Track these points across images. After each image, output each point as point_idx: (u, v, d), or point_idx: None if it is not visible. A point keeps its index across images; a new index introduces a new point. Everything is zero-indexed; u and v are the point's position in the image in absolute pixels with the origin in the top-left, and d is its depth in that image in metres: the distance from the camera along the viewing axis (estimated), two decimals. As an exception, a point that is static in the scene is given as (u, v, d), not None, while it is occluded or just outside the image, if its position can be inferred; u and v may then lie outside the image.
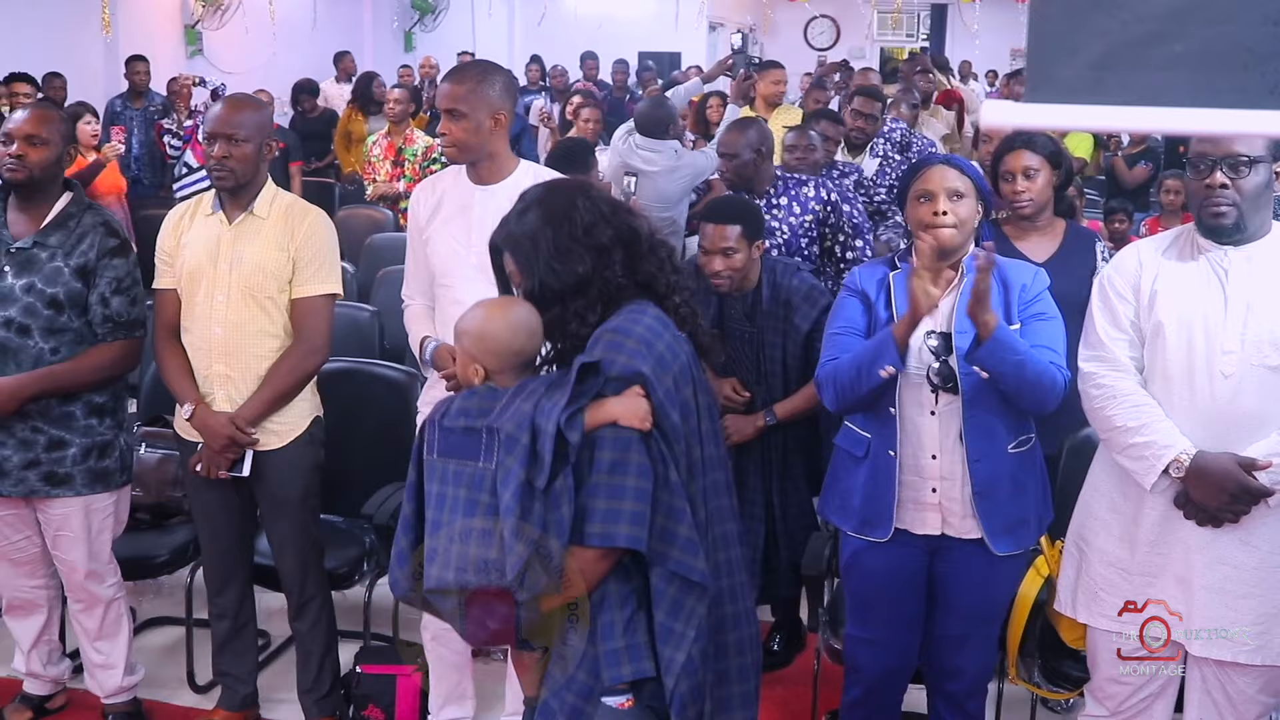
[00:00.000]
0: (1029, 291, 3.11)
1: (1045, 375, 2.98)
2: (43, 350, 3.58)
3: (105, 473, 3.73)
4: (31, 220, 3.65)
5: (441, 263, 3.59)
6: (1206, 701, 3.02)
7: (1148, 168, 9.39)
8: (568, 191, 2.47)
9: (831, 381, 3.15)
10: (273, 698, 4.12)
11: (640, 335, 2.33)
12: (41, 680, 4.04)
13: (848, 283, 3.32)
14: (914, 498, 3.17)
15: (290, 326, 3.64)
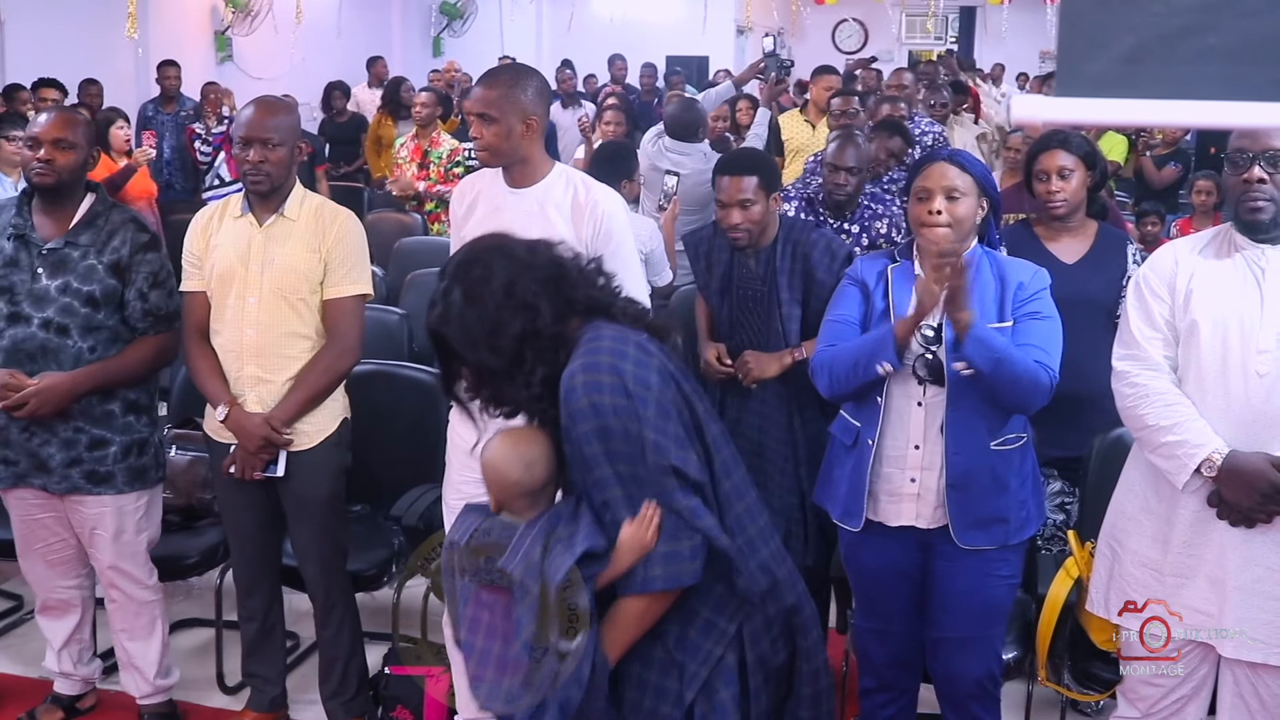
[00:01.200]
0: (1026, 290, 3.10)
1: (1026, 375, 2.96)
2: (81, 349, 3.61)
3: (143, 470, 3.77)
4: (59, 222, 3.67)
5: None
6: (1239, 704, 3.00)
7: (1177, 169, 9.34)
8: (482, 257, 2.39)
9: (827, 369, 3.17)
10: (301, 699, 4.13)
11: (607, 365, 2.30)
12: (71, 680, 4.06)
13: (849, 272, 3.34)
14: (890, 489, 3.18)
15: (321, 328, 3.66)
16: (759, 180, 3.85)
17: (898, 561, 3.23)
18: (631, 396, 2.27)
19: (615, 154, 5.64)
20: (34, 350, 3.61)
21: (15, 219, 3.68)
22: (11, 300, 3.63)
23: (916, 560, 3.22)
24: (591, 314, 2.41)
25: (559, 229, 3.53)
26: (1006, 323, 3.06)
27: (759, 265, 3.95)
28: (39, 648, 4.21)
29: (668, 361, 2.43)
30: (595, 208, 3.55)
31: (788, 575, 2.51)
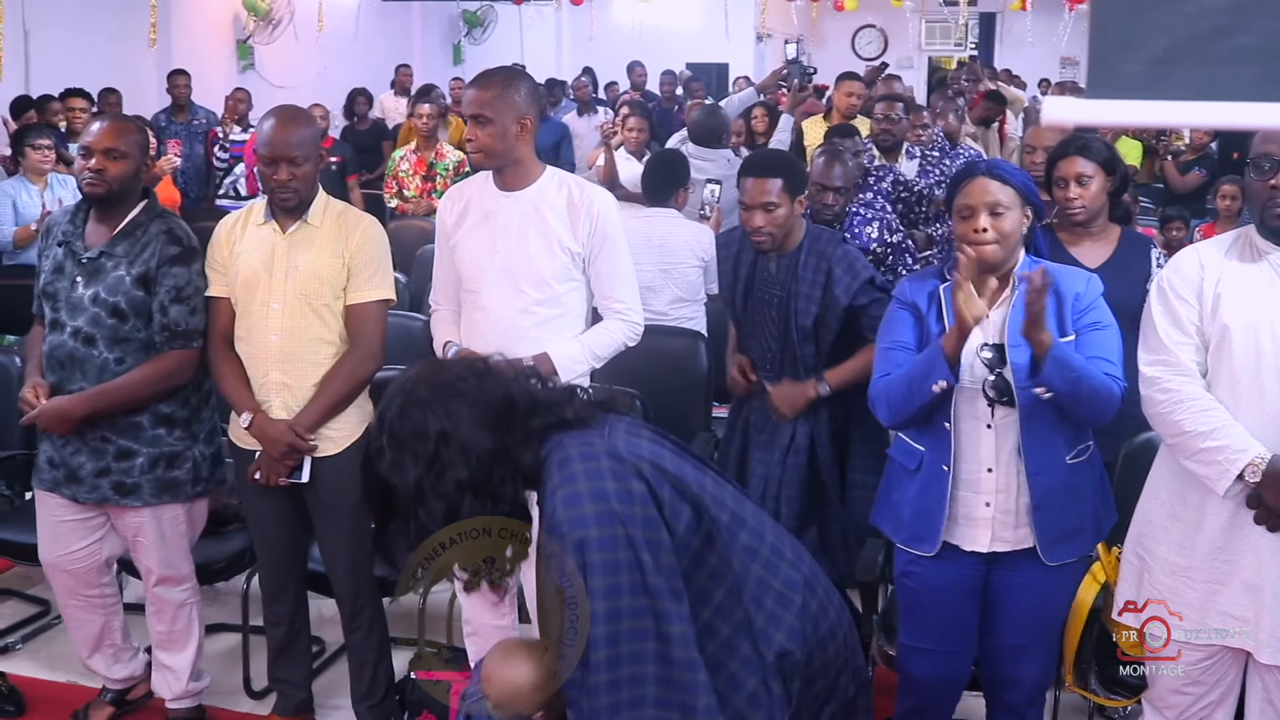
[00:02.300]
0: (1083, 300, 3.07)
1: (1103, 389, 2.94)
2: (107, 360, 3.63)
3: (174, 483, 3.76)
4: (107, 231, 3.70)
5: (467, 269, 3.64)
6: (1268, 710, 2.98)
7: (1201, 174, 9.29)
8: (415, 415, 2.26)
9: (885, 398, 3.14)
10: (327, 704, 4.15)
11: (588, 492, 2.20)
12: (112, 681, 4.09)
13: (897, 295, 3.29)
14: (966, 513, 3.15)
15: (345, 333, 3.67)
16: (784, 183, 3.80)
17: (962, 582, 3.20)
18: (621, 521, 2.18)
19: (670, 163, 5.63)
20: (64, 359, 3.64)
21: (67, 226, 3.73)
22: (54, 307, 3.67)
23: (980, 578, 3.20)
24: (551, 431, 2.31)
25: (555, 230, 3.55)
26: (1069, 336, 3.02)
27: (779, 271, 3.91)
28: (64, 652, 4.24)
29: (637, 438, 2.35)
30: (590, 207, 3.58)
31: (828, 627, 2.44)
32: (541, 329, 3.60)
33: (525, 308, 3.59)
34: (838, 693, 2.43)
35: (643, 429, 2.44)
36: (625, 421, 2.42)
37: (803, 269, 3.85)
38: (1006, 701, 3.32)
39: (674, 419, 4.60)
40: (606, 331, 3.71)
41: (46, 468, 3.78)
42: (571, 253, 3.59)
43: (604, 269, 3.66)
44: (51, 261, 3.72)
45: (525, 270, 3.57)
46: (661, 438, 2.47)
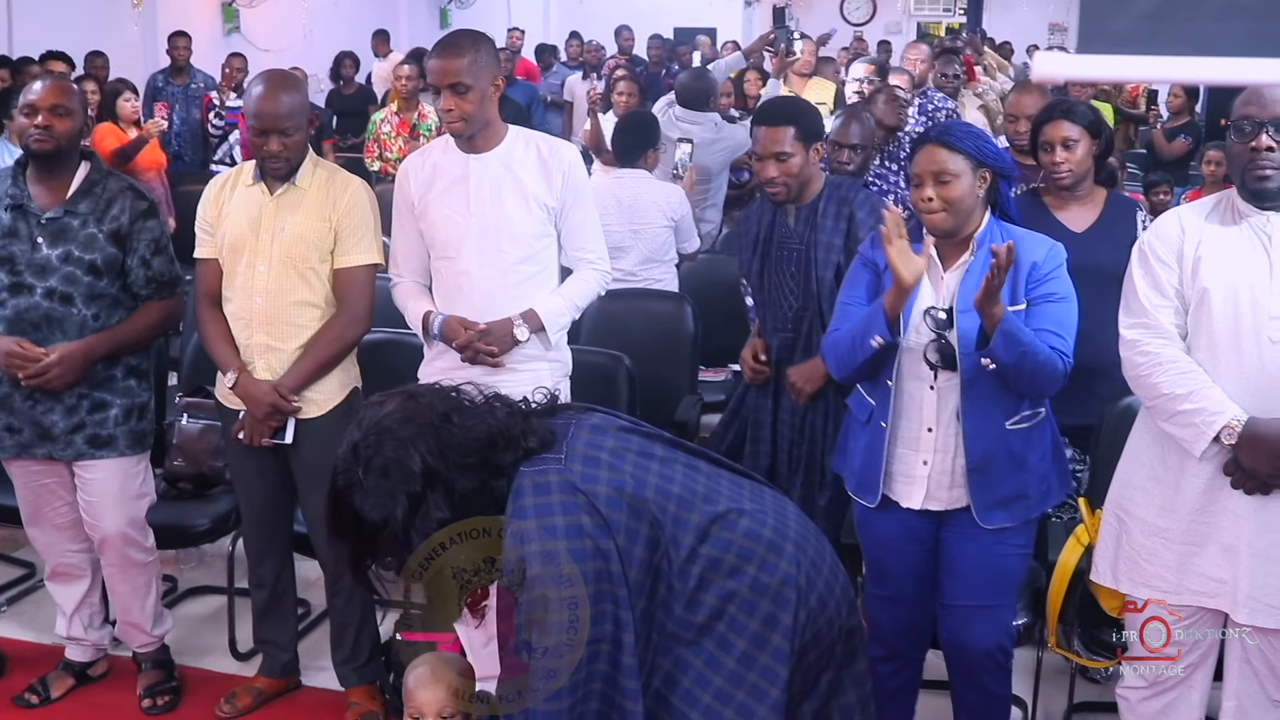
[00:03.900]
0: (1040, 269, 3.05)
1: (1046, 365, 2.95)
2: (85, 317, 3.63)
3: (142, 434, 3.82)
4: (55, 191, 3.68)
5: (441, 235, 3.62)
6: (1246, 670, 3.01)
7: (1187, 141, 9.31)
8: (400, 452, 2.21)
9: (832, 351, 3.19)
10: (313, 665, 4.16)
11: (536, 529, 2.18)
12: (82, 645, 4.09)
13: (861, 251, 3.31)
14: (904, 470, 3.18)
15: (331, 297, 3.66)
16: (796, 130, 3.70)
17: (910, 534, 3.23)
18: (566, 558, 2.17)
19: (639, 123, 5.62)
20: (38, 320, 3.63)
21: (11, 189, 3.68)
22: (12, 270, 3.64)
23: (930, 531, 3.23)
24: (518, 464, 2.28)
25: (529, 187, 3.55)
26: (1020, 305, 3.01)
27: (798, 223, 3.79)
28: (50, 615, 4.23)
29: (598, 450, 2.32)
30: (561, 161, 3.59)
31: (836, 600, 2.43)
32: (523, 287, 3.60)
33: (507, 267, 3.58)
34: (834, 659, 2.44)
35: (608, 429, 2.40)
36: (589, 424, 2.40)
37: (823, 217, 3.75)
38: (963, 668, 3.30)
39: (660, 382, 4.61)
40: (584, 282, 3.71)
41: (7, 435, 3.75)
42: (547, 208, 3.59)
43: (576, 222, 3.66)
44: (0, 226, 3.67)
45: (505, 230, 3.56)
46: (632, 430, 2.45)
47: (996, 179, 3.12)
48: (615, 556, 2.21)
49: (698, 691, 2.29)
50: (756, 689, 2.30)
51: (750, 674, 2.30)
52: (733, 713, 2.29)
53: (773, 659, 2.31)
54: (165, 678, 4.02)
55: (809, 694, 2.40)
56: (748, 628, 2.30)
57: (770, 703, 2.30)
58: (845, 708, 2.47)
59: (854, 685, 2.48)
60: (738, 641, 2.30)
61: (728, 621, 2.30)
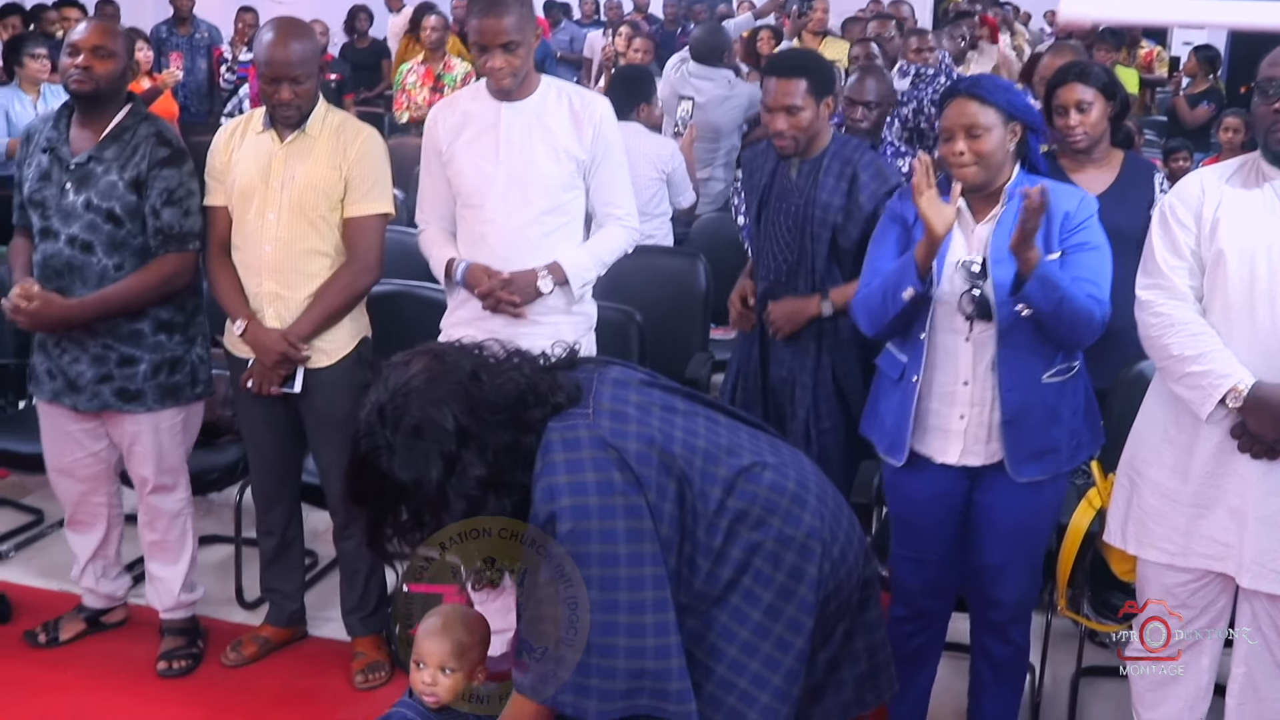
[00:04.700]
0: (1073, 219, 3.04)
1: (1084, 312, 2.93)
2: (106, 266, 3.60)
3: (176, 388, 3.76)
4: (93, 135, 3.65)
5: (468, 183, 3.58)
6: (1257, 635, 2.99)
7: (1210, 108, 9.23)
8: (431, 413, 2.16)
9: (864, 307, 3.16)
10: (319, 615, 4.17)
11: (567, 485, 2.16)
12: (95, 595, 4.09)
13: (889, 207, 3.28)
14: (939, 425, 3.15)
15: (341, 246, 3.64)
16: (808, 84, 3.63)
17: (942, 493, 3.21)
18: (598, 514, 2.15)
19: (633, 77, 5.60)
20: (61, 267, 3.61)
21: (50, 132, 3.68)
22: (43, 215, 3.63)
23: (961, 489, 3.20)
24: (547, 419, 2.25)
25: (560, 138, 3.52)
26: (1054, 254, 2.99)
27: (800, 178, 3.73)
28: (59, 561, 4.25)
29: (624, 404, 2.29)
30: (593, 114, 3.56)
31: (855, 552, 2.42)
32: (549, 239, 3.56)
33: (533, 218, 3.54)
34: (850, 609, 2.43)
35: (629, 383, 2.38)
36: (611, 378, 2.38)
37: (825, 174, 3.68)
38: (991, 620, 3.33)
39: (672, 340, 4.60)
40: (611, 238, 3.67)
41: (46, 379, 3.76)
42: (576, 160, 3.55)
43: (605, 176, 3.62)
44: (36, 169, 3.67)
45: (533, 180, 3.53)
46: (652, 384, 2.43)
47: (1026, 132, 3.09)
48: (647, 513, 2.19)
49: (723, 645, 2.29)
50: (782, 641, 2.29)
51: (776, 626, 2.29)
52: (759, 665, 2.28)
53: (799, 611, 2.30)
54: (187, 644, 3.99)
55: (825, 643, 2.40)
56: (774, 580, 2.29)
57: (795, 653, 2.30)
58: (854, 655, 2.47)
59: (864, 633, 2.48)
60: (763, 594, 2.29)
61: (753, 575, 2.29)
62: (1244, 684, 3.05)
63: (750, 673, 2.28)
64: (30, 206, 3.68)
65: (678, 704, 2.20)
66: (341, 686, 3.87)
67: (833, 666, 2.44)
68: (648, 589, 2.17)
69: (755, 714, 2.29)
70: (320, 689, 3.86)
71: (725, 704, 2.29)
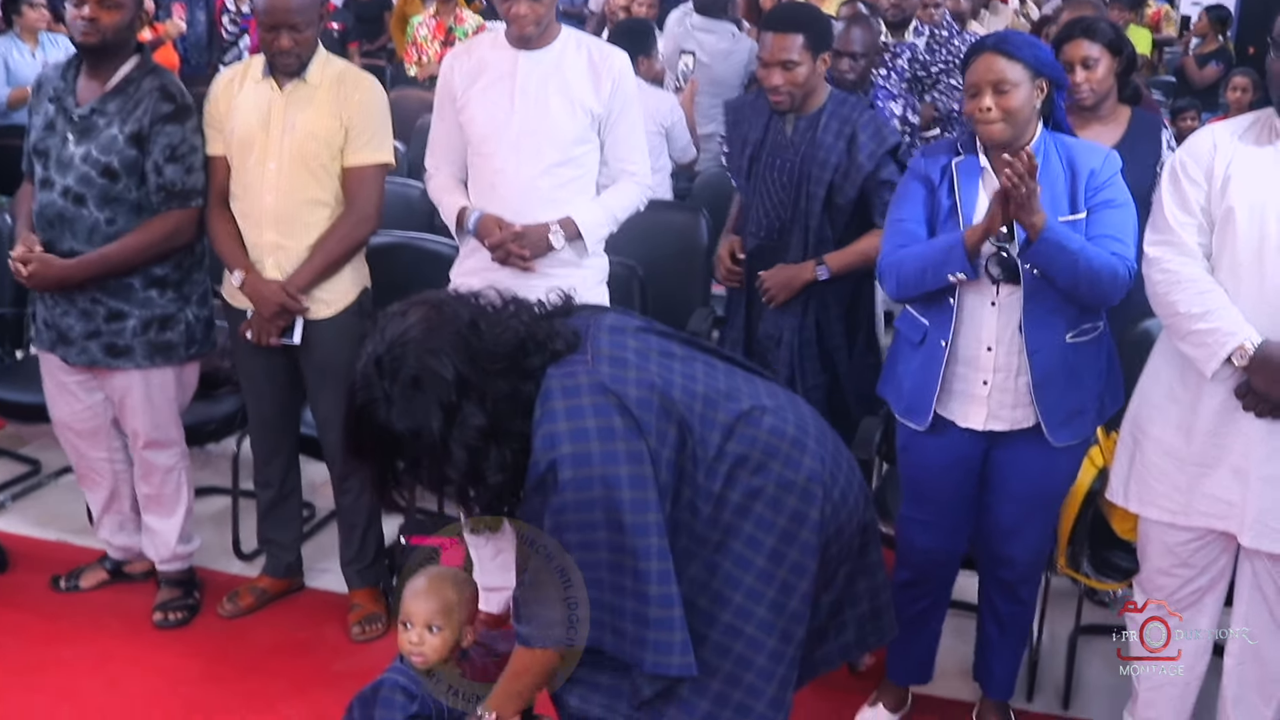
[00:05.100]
0: (1098, 176, 3.00)
1: (1104, 270, 2.89)
2: (98, 220, 3.56)
3: (167, 346, 3.71)
4: (99, 86, 3.60)
5: (480, 130, 3.54)
6: (1256, 596, 2.99)
7: (1218, 68, 9.16)
8: (430, 363, 2.14)
9: (895, 273, 3.09)
10: (316, 567, 4.18)
11: (567, 432, 2.14)
12: (113, 548, 4.09)
13: (912, 166, 3.22)
14: (963, 390, 3.11)
15: (341, 195, 3.61)
16: (805, 39, 3.58)
17: (961, 457, 3.18)
18: (600, 460, 2.13)
19: (633, 30, 5.54)
20: (53, 217, 3.58)
21: (58, 81, 3.64)
22: (44, 165, 3.60)
23: (980, 453, 3.17)
24: (546, 367, 2.23)
25: (576, 91, 3.47)
26: (1080, 214, 2.95)
27: (796, 134, 3.68)
28: (56, 511, 4.25)
29: (623, 349, 2.27)
30: (612, 68, 3.51)
31: (855, 496, 2.42)
32: (561, 191, 3.52)
33: (545, 169, 3.50)
34: (851, 553, 2.43)
35: (626, 329, 2.36)
36: (607, 324, 2.35)
37: (823, 132, 3.63)
38: (1000, 578, 3.32)
39: (673, 295, 4.57)
40: (624, 194, 3.62)
41: (43, 328, 3.75)
42: (592, 114, 3.51)
43: (621, 132, 3.57)
44: (43, 118, 3.64)
45: (546, 132, 3.48)
46: (649, 330, 2.41)
47: (1052, 89, 3.04)
48: (648, 458, 2.17)
49: (728, 592, 2.28)
50: (786, 585, 2.29)
51: (780, 571, 2.28)
52: (764, 610, 2.28)
53: (802, 554, 2.30)
54: (183, 595, 3.99)
55: (827, 587, 2.39)
56: (775, 525, 2.28)
57: (800, 596, 2.30)
58: (855, 597, 2.47)
59: (866, 576, 2.48)
60: (766, 539, 2.28)
61: (755, 520, 2.28)
62: (1243, 643, 3.05)
63: (756, 618, 2.28)
64: (34, 155, 3.65)
65: (681, 655, 2.20)
66: (338, 638, 3.87)
67: (835, 609, 2.45)
68: (652, 535, 2.16)
69: (762, 659, 2.29)
70: (317, 640, 3.86)
71: (732, 650, 2.29)
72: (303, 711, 3.49)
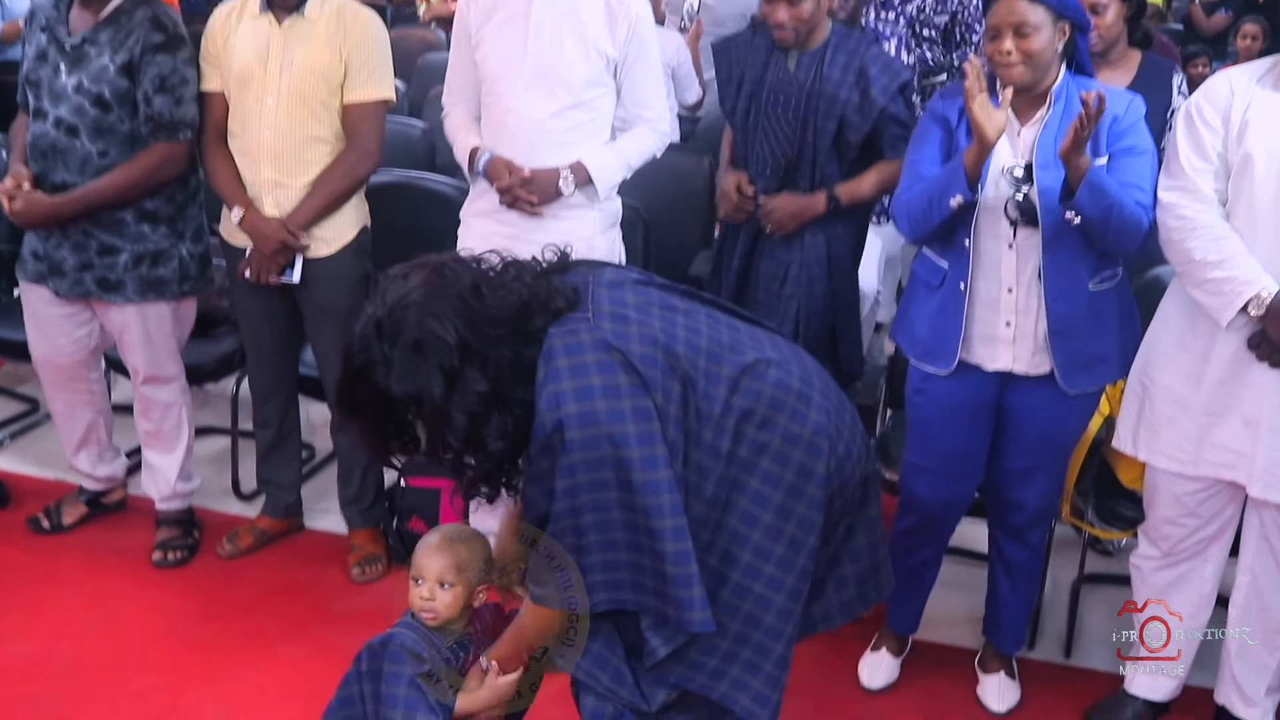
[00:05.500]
0: (1122, 122, 2.94)
1: (1132, 218, 2.84)
2: (90, 152, 3.52)
3: (159, 281, 3.68)
4: (91, 16, 3.55)
5: (493, 69, 3.47)
6: (1263, 546, 2.98)
7: (1226, 15, 9.07)
8: (431, 327, 2.08)
9: (906, 212, 3.05)
10: (316, 508, 4.16)
11: (572, 391, 2.09)
12: (93, 479, 4.08)
13: (931, 108, 3.17)
14: (986, 332, 3.07)
15: (341, 132, 3.56)
16: None
17: (976, 400, 3.13)
18: (606, 419, 2.09)
19: None
20: (46, 149, 3.54)
21: (51, 10, 3.58)
22: (37, 95, 3.55)
23: (994, 399, 3.14)
24: (547, 328, 2.18)
25: (591, 33, 3.40)
26: (1101, 159, 2.90)
27: (800, 70, 3.58)
28: (55, 450, 4.21)
29: (623, 305, 2.22)
30: (629, 11, 3.43)
31: (858, 448, 2.38)
32: (572, 133, 3.45)
33: (557, 111, 3.43)
34: (853, 505, 2.39)
35: (624, 283, 2.31)
36: (606, 279, 2.30)
37: (829, 66, 3.54)
38: (1010, 524, 3.30)
39: (676, 237, 4.53)
40: (639, 140, 3.55)
41: (31, 259, 3.71)
42: (606, 57, 3.43)
43: (637, 77, 3.50)
44: (35, 48, 3.59)
45: (559, 72, 3.41)
46: (648, 283, 2.36)
47: (1075, 33, 2.99)
48: (655, 415, 2.13)
49: (736, 549, 2.25)
50: (795, 541, 2.25)
51: (788, 526, 2.25)
52: (773, 568, 2.24)
53: (809, 509, 2.26)
54: (182, 534, 3.97)
55: (828, 540, 2.36)
56: (782, 480, 2.24)
57: (808, 551, 2.27)
58: (855, 551, 2.44)
59: (866, 529, 2.44)
60: (773, 495, 2.24)
61: (762, 476, 2.24)
62: (1248, 592, 3.05)
63: (765, 576, 2.25)
64: (28, 86, 3.61)
65: (701, 610, 2.17)
66: (338, 579, 3.86)
67: (834, 562, 2.41)
68: (664, 493, 2.12)
69: (771, 617, 2.26)
70: (317, 581, 3.85)
71: (741, 610, 2.26)
72: (302, 651, 3.48)
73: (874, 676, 3.46)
